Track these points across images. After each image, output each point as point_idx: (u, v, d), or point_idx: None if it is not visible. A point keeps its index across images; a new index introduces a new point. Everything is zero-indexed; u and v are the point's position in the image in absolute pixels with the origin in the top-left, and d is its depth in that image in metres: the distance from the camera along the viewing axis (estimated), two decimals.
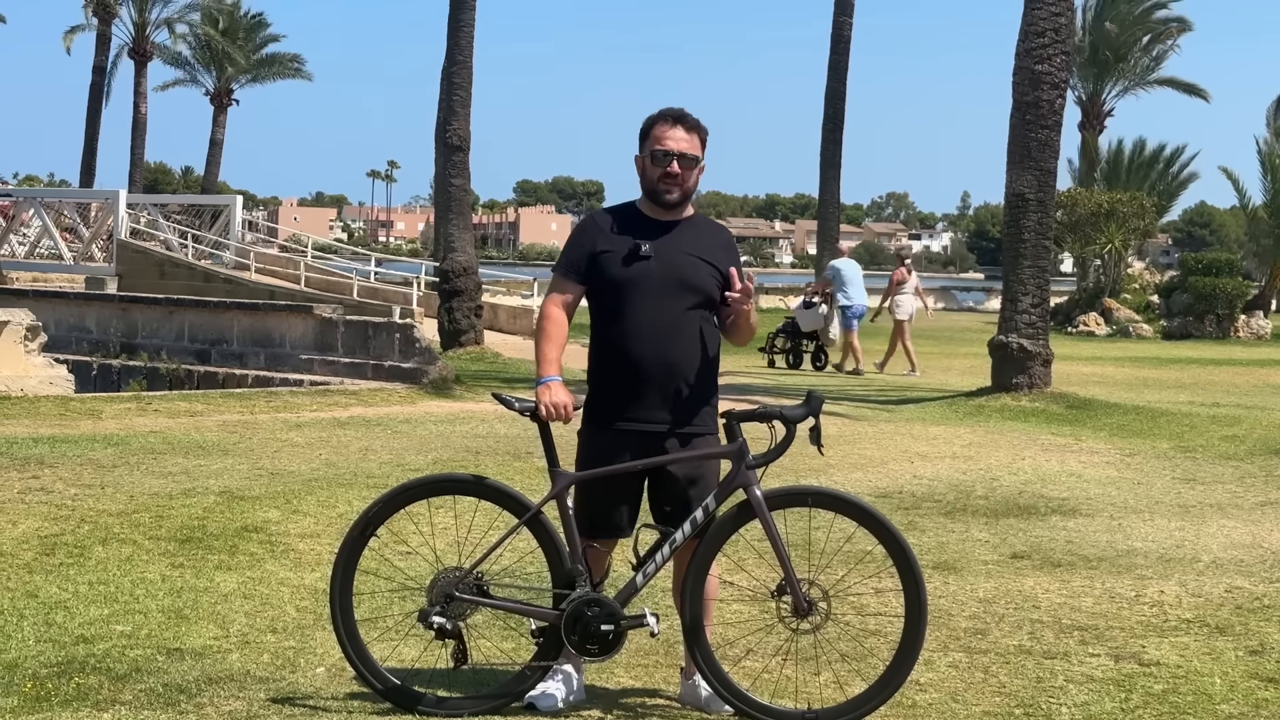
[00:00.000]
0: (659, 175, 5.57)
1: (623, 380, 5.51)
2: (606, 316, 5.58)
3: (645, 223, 5.62)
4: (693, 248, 5.58)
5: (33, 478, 10.42)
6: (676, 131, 5.59)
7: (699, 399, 5.56)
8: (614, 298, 5.55)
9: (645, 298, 5.50)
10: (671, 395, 5.50)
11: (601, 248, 5.59)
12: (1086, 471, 12.35)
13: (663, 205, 5.61)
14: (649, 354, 5.48)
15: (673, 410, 5.50)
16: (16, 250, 41.68)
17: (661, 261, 5.53)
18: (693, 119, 5.64)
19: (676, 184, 5.58)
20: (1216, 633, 6.92)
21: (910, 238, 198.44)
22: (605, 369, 5.57)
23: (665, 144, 5.56)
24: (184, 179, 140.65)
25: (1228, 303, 38.50)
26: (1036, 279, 18.30)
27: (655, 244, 5.55)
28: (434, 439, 13.49)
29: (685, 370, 5.52)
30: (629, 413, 5.50)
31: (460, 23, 26.70)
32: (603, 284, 5.57)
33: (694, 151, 5.60)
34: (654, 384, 5.48)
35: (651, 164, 5.58)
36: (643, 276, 5.52)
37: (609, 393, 5.53)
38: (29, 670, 5.80)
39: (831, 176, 42.15)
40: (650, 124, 5.64)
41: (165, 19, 61.88)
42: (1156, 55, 54.14)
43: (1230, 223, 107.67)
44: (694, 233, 5.65)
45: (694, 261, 5.55)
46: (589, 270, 5.59)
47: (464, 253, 26.97)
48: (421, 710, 5.37)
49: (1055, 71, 18.35)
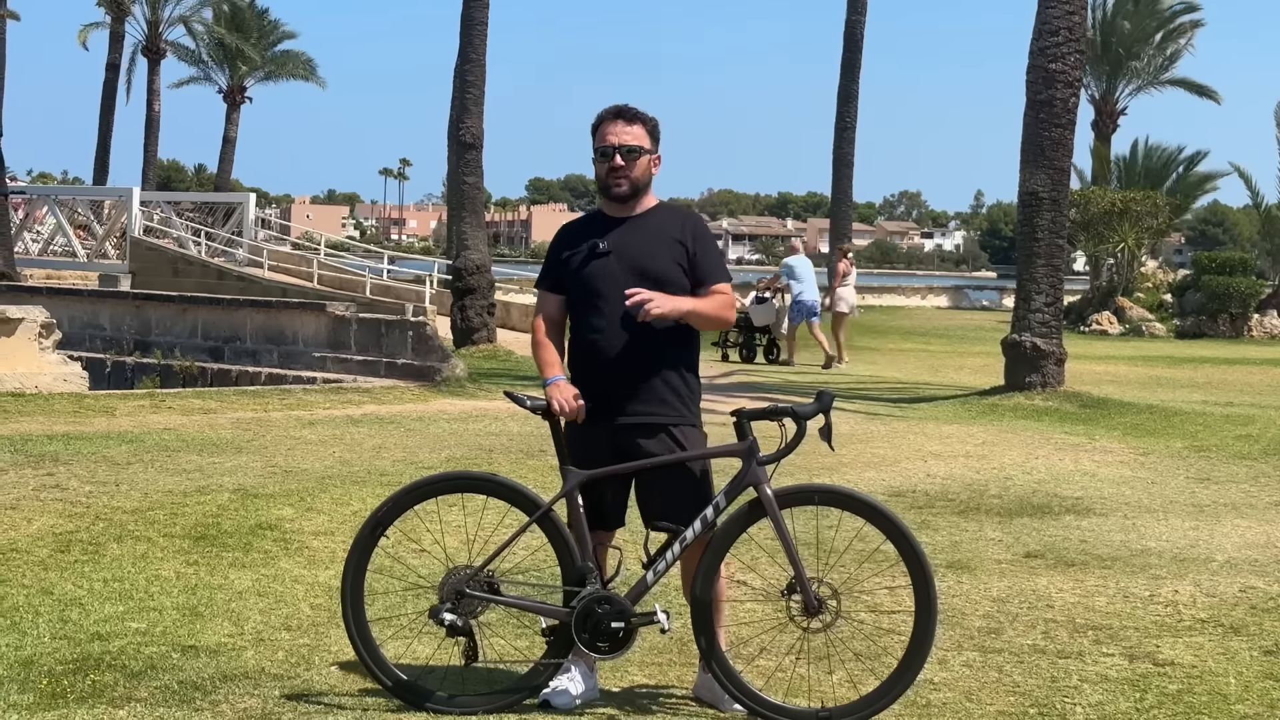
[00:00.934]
0: (605, 171, 5.67)
1: (596, 376, 5.57)
2: (578, 317, 5.68)
3: (605, 222, 5.73)
4: (653, 238, 5.64)
5: (47, 475, 10.45)
6: (617, 126, 5.68)
7: (674, 389, 5.59)
8: (581, 298, 5.65)
9: (609, 293, 5.57)
10: (642, 388, 5.54)
11: (565, 254, 5.71)
12: (1100, 471, 12.33)
13: (615, 199, 5.70)
14: (618, 348, 5.55)
15: (646, 402, 5.54)
16: (30, 248, 41.75)
17: (620, 256, 5.61)
18: (632, 110, 5.74)
19: (623, 176, 5.65)
20: (1231, 632, 6.91)
21: (922, 236, 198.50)
22: (580, 366, 5.65)
23: (607, 140, 5.67)
24: (197, 176, 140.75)
25: (1241, 302, 38.41)
26: (1050, 278, 18.27)
27: (613, 239, 5.64)
28: (447, 437, 13.50)
29: (657, 361, 5.57)
30: (603, 408, 5.54)
31: (473, 20, 26.69)
32: (572, 288, 5.68)
33: (637, 142, 5.67)
34: (625, 377, 5.54)
35: (597, 161, 5.68)
36: (604, 273, 5.60)
37: (585, 390, 5.57)
38: (45, 667, 5.82)
39: (844, 175, 42.16)
40: (595, 123, 5.75)
41: (179, 16, 62.04)
42: (1170, 54, 54.01)
43: (1244, 222, 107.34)
44: (654, 224, 5.71)
45: (652, 252, 5.61)
46: (560, 278, 5.70)
47: (477, 251, 26.97)
48: (433, 707, 5.38)
49: (1069, 70, 18.31)
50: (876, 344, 31.71)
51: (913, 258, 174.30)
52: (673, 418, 5.57)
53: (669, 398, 5.58)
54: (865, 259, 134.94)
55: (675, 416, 5.58)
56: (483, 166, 27.19)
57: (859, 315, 28.42)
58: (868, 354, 28.31)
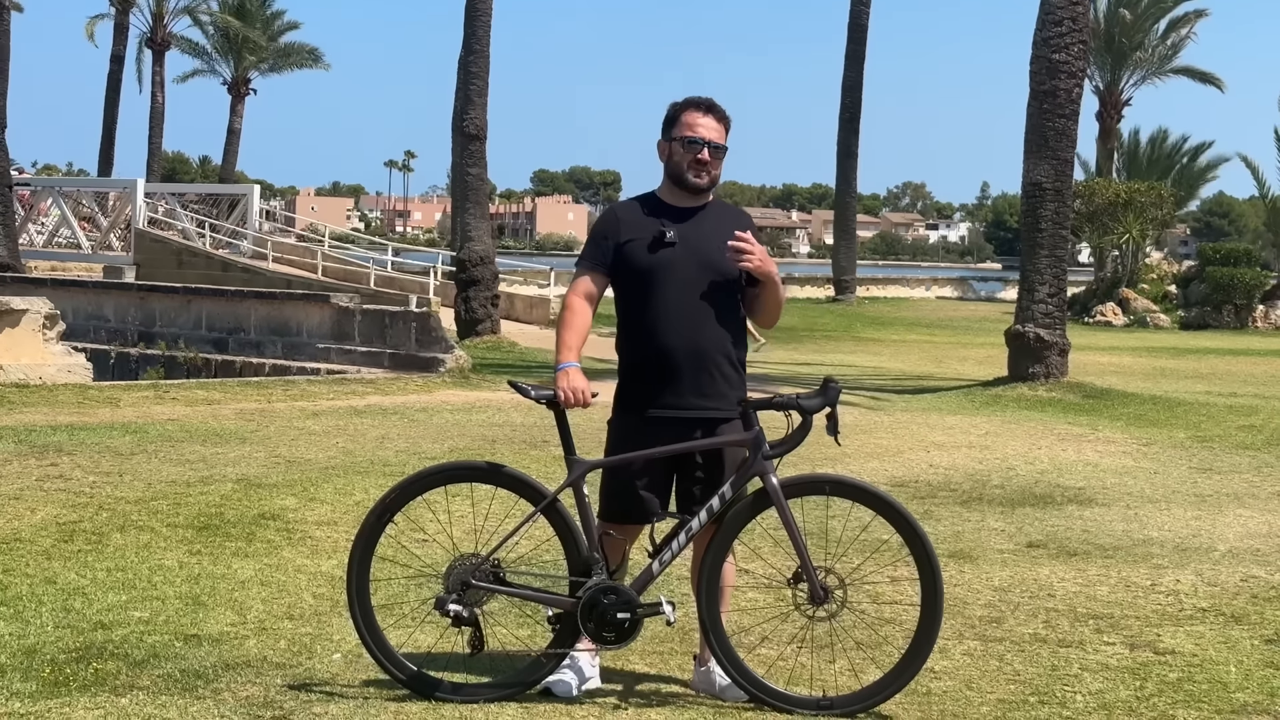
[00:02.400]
0: (689, 161, 5.58)
1: (653, 367, 5.52)
2: (634, 304, 5.58)
3: (667, 210, 5.64)
4: (716, 232, 5.58)
5: (51, 465, 10.47)
6: (708, 120, 5.62)
7: (729, 383, 5.56)
8: (641, 285, 5.56)
9: (672, 283, 5.51)
10: (702, 381, 5.50)
11: (626, 237, 5.60)
12: (1103, 461, 12.33)
13: (690, 191, 5.62)
14: (678, 340, 5.49)
15: (704, 395, 5.51)
16: (35, 239, 41.78)
17: (687, 247, 5.54)
18: (721, 108, 5.68)
19: (706, 171, 5.60)
20: (1232, 621, 6.92)
21: (927, 227, 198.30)
22: (635, 356, 5.58)
23: (698, 131, 5.59)
24: (202, 168, 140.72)
25: (1245, 293, 38.38)
26: (1054, 269, 18.27)
27: (679, 229, 5.57)
28: (451, 427, 13.51)
29: (715, 355, 5.53)
30: (660, 400, 5.50)
31: (477, 12, 26.71)
32: (629, 273, 5.58)
33: (722, 140, 5.63)
34: (684, 370, 5.49)
35: (682, 150, 5.59)
36: (669, 262, 5.53)
37: (640, 380, 5.54)
38: (48, 656, 5.83)
39: (849, 166, 42.17)
40: (679, 110, 5.65)
41: (184, 7, 62.01)
42: (1173, 44, 53.91)
43: (1249, 213, 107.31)
44: (716, 218, 5.66)
45: (718, 246, 5.55)
46: (614, 261, 5.60)
47: (481, 242, 26.99)
48: (438, 696, 5.38)
49: (1073, 60, 18.31)
50: (881, 335, 31.74)
51: (917, 249, 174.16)
52: (729, 412, 5.54)
53: (726, 391, 5.55)
54: (870, 250, 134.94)
55: (732, 410, 5.54)
56: (487, 158, 27.23)
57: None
58: (872, 345, 28.33)
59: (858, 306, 41.38)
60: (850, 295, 42.86)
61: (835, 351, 25.55)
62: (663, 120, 5.69)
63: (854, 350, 25.41)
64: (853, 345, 25.54)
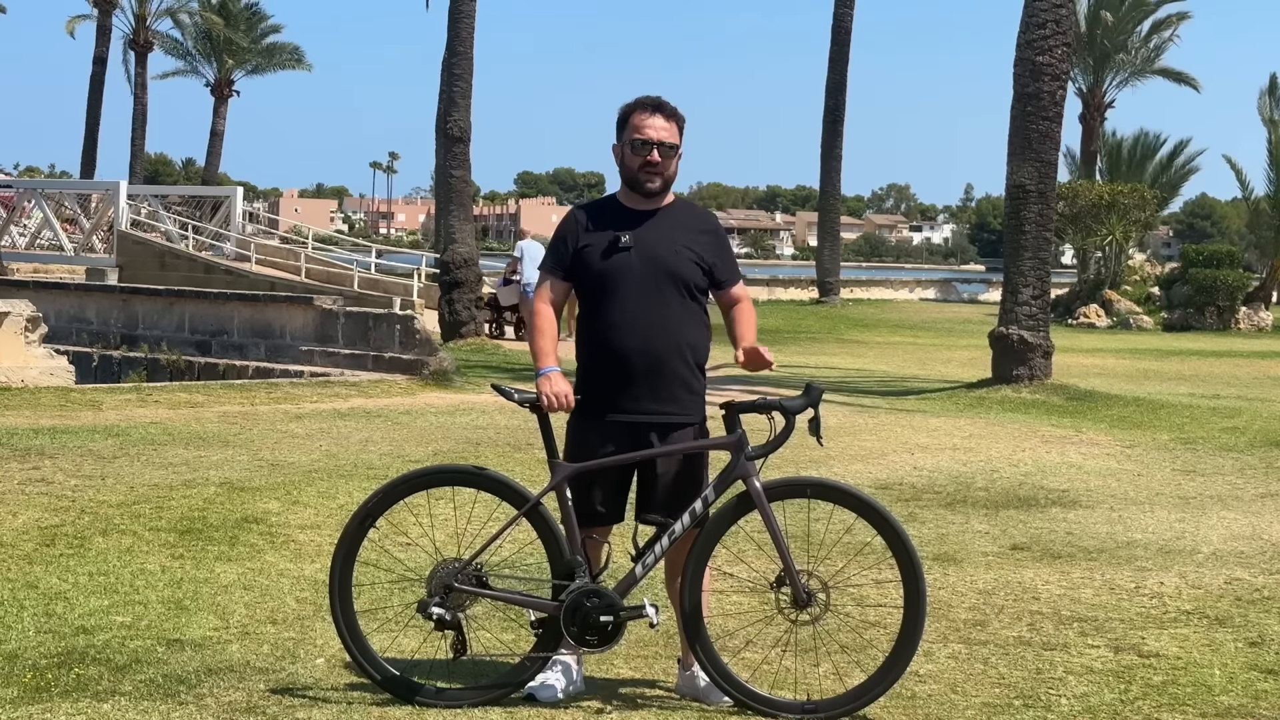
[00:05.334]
0: (639, 164, 5.56)
1: (609, 372, 5.52)
2: (591, 309, 5.59)
3: (624, 213, 5.63)
4: (673, 235, 5.57)
5: (33, 469, 10.42)
6: (656, 120, 5.58)
7: (686, 388, 5.56)
8: (597, 290, 5.56)
9: (627, 288, 5.50)
10: (658, 385, 5.50)
11: (583, 242, 5.59)
12: (1087, 463, 12.35)
13: (643, 194, 5.60)
14: (634, 345, 5.48)
15: (659, 400, 5.51)
16: (17, 241, 41.64)
17: (642, 252, 5.53)
18: (670, 106, 5.64)
19: (657, 172, 5.57)
20: (1216, 624, 6.92)
21: (911, 229, 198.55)
22: (592, 361, 5.59)
23: (645, 133, 5.56)
24: (185, 170, 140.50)
25: (1228, 294, 38.47)
26: (1037, 270, 18.30)
27: (635, 234, 5.55)
28: (434, 430, 13.49)
29: (671, 360, 5.52)
30: (616, 404, 5.50)
31: (460, 13, 26.68)
32: (586, 278, 5.58)
33: (673, 140, 5.60)
34: (640, 375, 5.49)
35: (631, 153, 5.57)
36: (624, 267, 5.52)
37: (596, 385, 5.54)
38: (29, 661, 5.81)
39: (832, 168, 42.19)
40: (628, 112, 5.62)
41: (166, 9, 61.89)
42: (1156, 46, 54.05)
43: (1231, 214, 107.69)
44: (674, 220, 5.64)
45: (674, 249, 5.54)
46: (572, 266, 5.60)
47: (465, 244, 26.96)
48: (421, 701, 5.37)
49: (1056, 63, 18.34)
50: (864, 337, 31.76)
51: (901, 251, 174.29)
52: (685, 417, 5.54)
53: (683, 396, 5.54)
54: (854, 252, 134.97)
55: (687, 416, 5.55)
56: (470, 160, 27.20)
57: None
58: (856, 347, 28.33)
59: (841, 308, 41.38)
60: (834, 297, 42.87)
61: (819, 353, 25.52)
62: (615, 123, 5.67)
63: (837, 352, 25.40)
64: (836, 347, 25.55)
